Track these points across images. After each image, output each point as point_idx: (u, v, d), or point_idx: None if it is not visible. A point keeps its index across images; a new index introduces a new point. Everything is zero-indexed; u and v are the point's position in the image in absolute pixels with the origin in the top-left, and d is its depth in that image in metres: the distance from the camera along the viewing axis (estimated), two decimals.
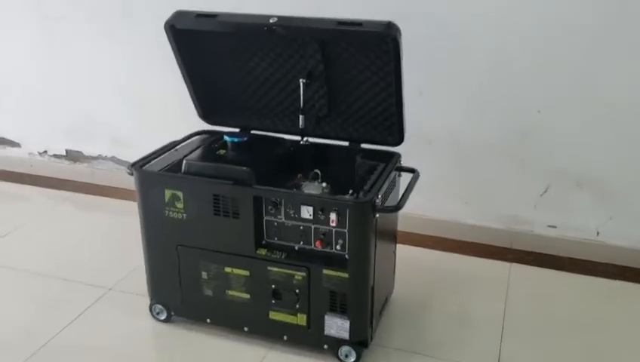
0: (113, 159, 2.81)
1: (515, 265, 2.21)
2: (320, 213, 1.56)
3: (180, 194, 1.65)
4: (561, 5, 1.98)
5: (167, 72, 2.51)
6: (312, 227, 1.59)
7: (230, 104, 1.94)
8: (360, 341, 1.65)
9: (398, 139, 1.78)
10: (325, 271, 1.59)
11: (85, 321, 1.88)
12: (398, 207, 1.57)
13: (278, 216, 1.61)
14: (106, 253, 2.27)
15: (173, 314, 1.83)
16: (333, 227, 1.57)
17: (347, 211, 1.54)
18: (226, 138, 1.76)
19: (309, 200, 1.57)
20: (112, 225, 2.50)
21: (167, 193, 1.66)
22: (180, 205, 1.66)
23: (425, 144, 2.24)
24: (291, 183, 1.72)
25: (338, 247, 1.58)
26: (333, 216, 1.55)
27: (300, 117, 1.83)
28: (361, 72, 1.73)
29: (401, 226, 1.94)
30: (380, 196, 1.57)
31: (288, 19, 1.62)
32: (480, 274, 2.16)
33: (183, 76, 1.85)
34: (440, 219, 2.33)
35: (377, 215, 1.56)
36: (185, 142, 1.92)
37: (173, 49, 1.77)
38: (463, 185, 2.29)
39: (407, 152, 1.82)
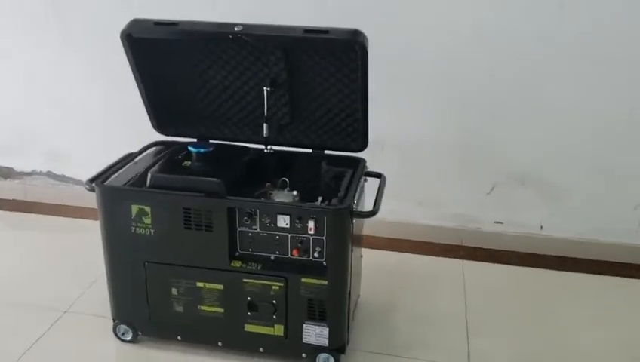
0: (49, 174, 2.66)
1: (467, 261, 2.30)
2: (297, 221, 1.56)
3: (147, 209, 1.59)
4: (507, 16, 2.08)
5: (106, 82, 2.44)
6: (289, 236, 1.58)
7: (186, 114, 1.89)
8: (338, 347, 1.66)
9: (362, 145, 1.80)
10: (304, 280, 1.59)
11: (43, 348, 1.76)
12: (374, 211, 1.59)
13: (253, 227, 1.59)
14: (53, 274, 2.14)
15: (140, 333, 1.76)
16: (311, 235, 1.56)
17: (325, 218, 1.54)
18: (191, 149, 1.71)
19: (286, 209, 1.56)
20: (51, 244, 2.36)
21: (134, 208, 1.59)
22: (147, 220, 1.60)
23: (377, 149, 2.27)
24: (259, 192, 1.70)
25: (316, 255, 1.58)
26: (311, 224, 1.55)
27: (264, 125, 1.81)
28: (326, 80, 1.73)
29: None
30: (355, 202, 1.59)
31: (253, 27, 1.60)
32: (436, 273, 2.23)
33: (138, 86, 1.78)
34: (395, 221, 2.38)
35: (354, 220, 1.58)
36: (142, 155, 1.86)
37: (128, 58, 1.70)
38: (416, 188, 2.35)
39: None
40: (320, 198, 1.69)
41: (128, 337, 1.76)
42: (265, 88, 1.75)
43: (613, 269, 2.25)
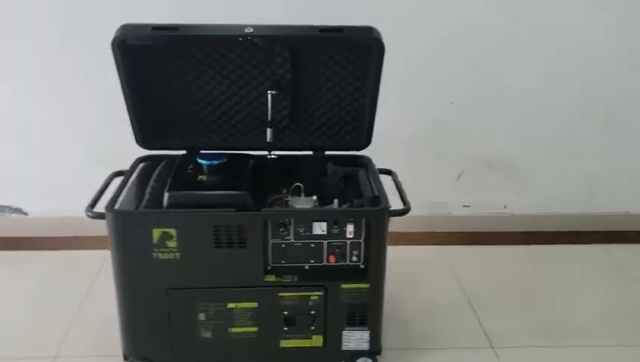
0: None
1: (443, 247, 2.37)
2: (334, 226, 1.51)
3: (172, 231, 1.45)
4: (469, 9, 2.16)
5: (50, 98, 2.19)
6: (325, 243, 1.52)
7: (174, 125, 1.74)
8: (376, 349, 1.64)
9: (366, 143, 1.79)
10: (344, 286, 1.54)
11: None
12: (408, 209, 1.59)
13: (287, 238, 1.51)
14: (21, 315, 1.89)
15: None
16: (349, 239, 1.52)
17: (363, 221, 1.51)
18: (203, 161, 1.59)
19: (323, 215, 1.51)
20: (3, 283, 2.08)
21: (156, 233, 1.45)
22: (172, 244, 1.46)
23: None
24: (271, 200, 1.64)
25: (354, 259, 1.54)
26: (350, 228, 1.51)
27: (268, 130, 1.72)
28: (329, 79, 1.68)
29: None
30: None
31: (265, 27, 1.52)
32: (420, 261, 2.27)
33: (126, 98, 1.61)
34: None
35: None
36: (134, 173, 1.69)
37: (118, 68, 1.54)
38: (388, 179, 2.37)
39: None
40: (336, 201, 1.66)
41: None
42: (270, 92, 1.67)
43: (569, 238, 2.44)
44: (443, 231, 2.44)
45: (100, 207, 1.50)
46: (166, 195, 1.48)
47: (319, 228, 1.51)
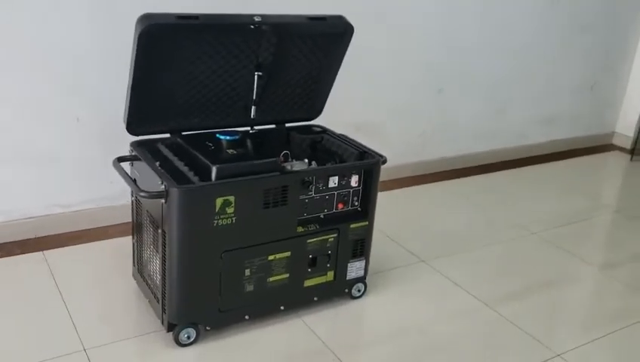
0: None
1: None
2: (344, 179, 1.86)
3: (231, 198, 1.64)
4: None
5: None
6: (335, 193, 1.87)
7: (162, 110, 1.86)
8: (366, 275, 2.05)
9: (318, 113, 2.15)
10: (352, 226, 1.91)
11: None
12: (385, 160, 2.01)
13: (309, 193, 1.81)
14: (17, 325, 1.79)
15: (208, 328, 1.75)
16: (353, 187, 1.90)
17: (362, 171, 1.90)
18: (226, 137, 1.80)
19: (336, 170, 1.85)
20: None
21: (219, 201, 1.62)
22: (230, 210, 1.65)
23: None
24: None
25: (355, 203, 1.92)
26: (355, 178, 1.88)
27: (253, 108, 1.96)
28: (300, 60, 1.98)
29: None
30: None
31: (268, 17, 1.78)
32: None
33: (134, 86, 1.71)
34: None
35: None
36: (139, 157, 1.77)
37: (138, 58, 1.64)
38: None
39: None
40: (314, 162, 2.00)
41: (192, 339, 1.74)
42: (257, 73, 1.91)
43: (415, 181, 3.15)
44: None
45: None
46: (214, 169, 1.65)
47: (332, 181, 1.85)
